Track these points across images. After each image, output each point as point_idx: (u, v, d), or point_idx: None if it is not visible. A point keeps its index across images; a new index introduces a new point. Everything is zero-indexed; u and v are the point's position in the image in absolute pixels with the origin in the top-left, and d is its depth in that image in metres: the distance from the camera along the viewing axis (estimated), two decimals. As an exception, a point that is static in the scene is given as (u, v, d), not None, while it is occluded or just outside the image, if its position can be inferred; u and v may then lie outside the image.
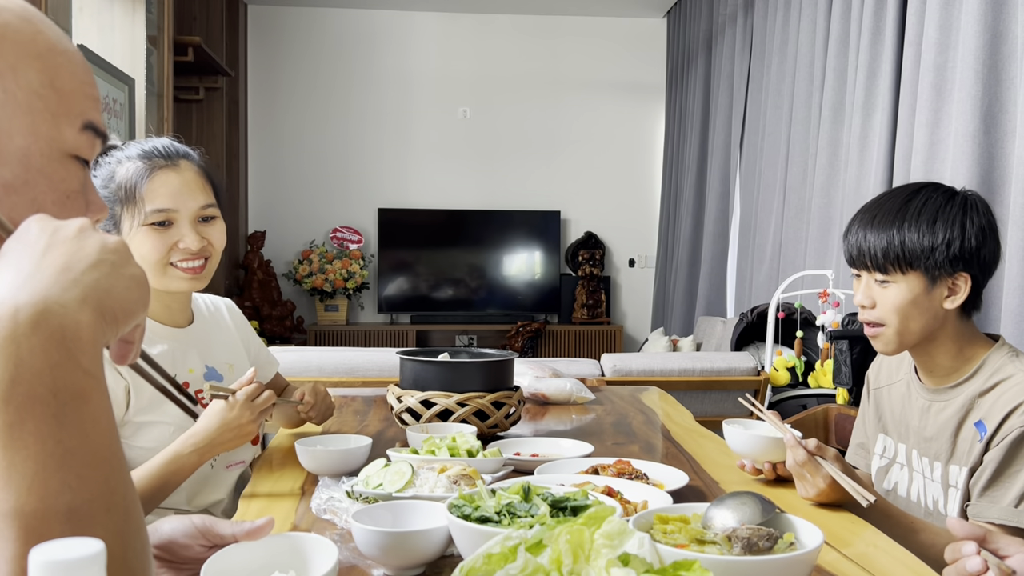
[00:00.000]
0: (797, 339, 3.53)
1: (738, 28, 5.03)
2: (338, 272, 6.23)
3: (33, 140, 0.66)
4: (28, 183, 0.66)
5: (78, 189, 0.70)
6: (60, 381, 0.55)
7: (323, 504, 1.21)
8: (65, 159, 0.69)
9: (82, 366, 0.57)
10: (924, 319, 1.37)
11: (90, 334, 0.58)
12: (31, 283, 0.56)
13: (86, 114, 0.70)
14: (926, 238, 1.34)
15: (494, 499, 0.99)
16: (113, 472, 0.58)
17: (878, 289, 1.40)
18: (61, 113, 0.68)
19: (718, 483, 1.42)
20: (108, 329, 0.60)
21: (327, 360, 3.19)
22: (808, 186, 3.91)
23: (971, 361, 1.38)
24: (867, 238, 1.39)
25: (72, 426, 0.56)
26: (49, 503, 0.54)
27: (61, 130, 0.68)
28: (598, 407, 2.20)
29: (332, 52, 6.53)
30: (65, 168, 0.69)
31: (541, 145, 6.69)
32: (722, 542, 0.92)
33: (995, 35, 2.44)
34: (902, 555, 1.07)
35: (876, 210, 1.41)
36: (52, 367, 0.55)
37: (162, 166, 1.44)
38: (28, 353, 0.54)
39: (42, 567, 0.47)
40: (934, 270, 1.35)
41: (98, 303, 0.59)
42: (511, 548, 0.73)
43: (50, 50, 0.68)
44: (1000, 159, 2.44)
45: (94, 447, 0.57)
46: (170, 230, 1.44)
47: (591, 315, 6.55)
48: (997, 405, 1.30)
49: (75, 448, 0.56)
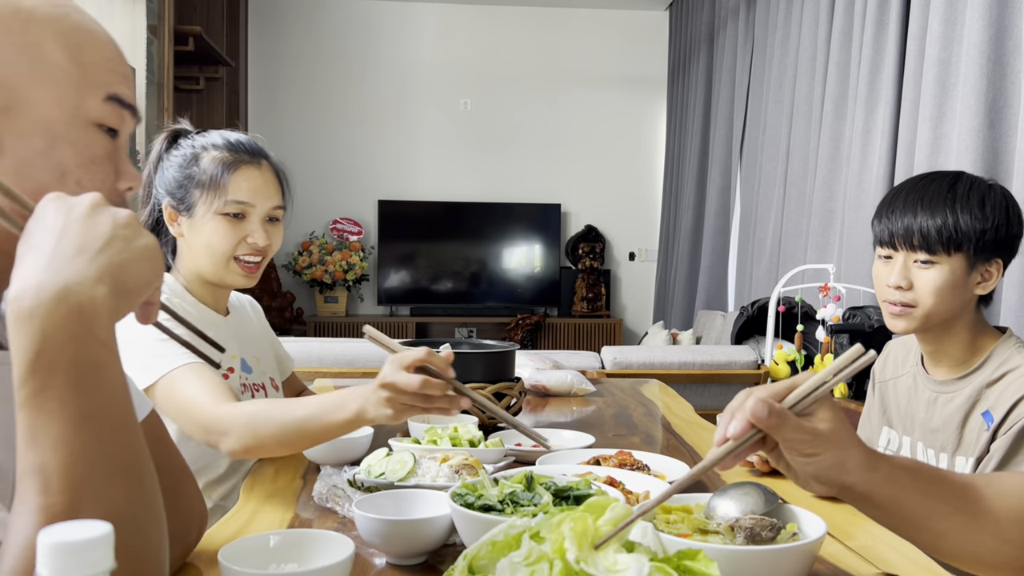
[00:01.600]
0: (797, 333, 3.53)
1: (740, 21, 5.02)
2: (338, 264, 6.23)
3: (57, 109, 0.72)
4: (53, 147, 0.72)
5: (103, 155, 0.75)
6: (79, 352, 0.61)
7: (325, 493, 1.21)
8: (89, 127, 0.74)
9: (99, 338, 0.63)
10: (955, 303, 1.38)
11: (106, 309, 0.63)
12: (52, 265, 0.62)
13: (110, 87, 0.75)
14: (978, 220, 1.34)
15: (497, 488, 0.99)
16: (128, 438, 0.64)
17: (916, 270, 1.39)
18: (84, 85, 0.73)
19: (719, 474, 1.42)
20: (122, 302, 0.66)
21: (327, 351, 3.19)
22: (809, 180, 3.90)
23: (979, 352, 1.39)
24: (917, 217, 1.37)
25: (90, 393, 0.62)
26: (70, 461, 0.60)
27: (84, 100, 0.73)
28: (599, 399, 2.20)
29: (333, 43, 6.51)
30: (89, 135, 0.74)
31: (542, 138, 6.68)
32: (725, 532, 0.92)
33: (999, 30, 2.44)
34: (904, 547, 1.07)
35: (922, 191, 1.40)
36: (72, 340, 0.61)
37: (247, 161, 1.50)
38: (51, 328, 0.61)
39: (50, 548, 0.47)
40: (979, 254, 1.35)
41: (112, 279, 0.64)
42: (515, 536, 0.73)
43: (75, 29, 0.74)
44: (1004, 154, 2.43)
45: (111, 413, 0.63)
46: (242, 223, 1.48)
47: (591, 308, 6.55)
48: (1005, 395, 1.31)
49: (93, 413, 0.62)
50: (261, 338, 1.70)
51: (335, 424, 1.20)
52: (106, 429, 0.62)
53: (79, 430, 0.60)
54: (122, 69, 0.78)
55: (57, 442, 0.60)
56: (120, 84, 0.76)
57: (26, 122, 0.71)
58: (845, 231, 3.49)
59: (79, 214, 0.65)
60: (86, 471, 0.60)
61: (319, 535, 0.89)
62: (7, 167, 0.71)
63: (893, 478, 0.82)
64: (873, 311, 2.91)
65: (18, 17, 0.71)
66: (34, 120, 0.71)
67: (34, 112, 0.71)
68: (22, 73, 0.71)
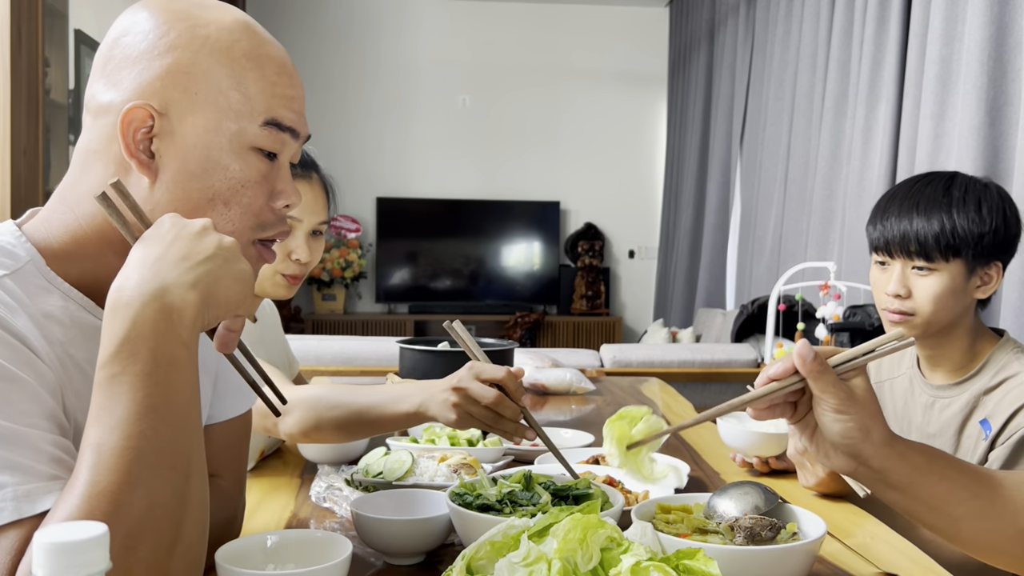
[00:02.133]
0: (798, 331, 3.52)
1: (740, 18, 5.01)
2: (336, 261, 6.22)
3: (215, 135, 0.78)
4: (208, 171, 0.78)
5: (255, 179, 0.80)
6: (160, 347, 0.67)
7: (323, 492, 1.20)
8: (245, 152, 0.79)
9: (181, 338, 0.68)
10: (955, 309, 1.35)
11: (193, 313, 0.69)
12: (156, 266, 0.69)
13: (271, 111, 0.80)
14: (975, 224, 1.30)
15: (495, 487, 0.99)
16: (185, 436, 0.69)
17: (914, 277, 1.35)
18: (244, 112, 0.78)
19: (719, 474, 1.42)
20: (209, 312, 0.71)
21: (325, 349, 3.19)
22: (810, 178, 3.89)
23: (977, 357, 1.37)
24: (913, 224, 1.33)
25: (161, 386, 0.67)
26: (125, 445, 0.64)
27: (243, 126, 0.79)
28: (598, 398, 2.19)
29: (331, 38, 6.50)
30: (244, 160, 0.79)
31: (541, 135, 6.67)
32: (725, 531, 0.91)
33: (1000, 27, 2.43)
34: (904, 546, 1.06)
35: (917, 195, 1.35)
36: (156, 334, 0.67)
37: (299, 175, 1.45)
38: (141, 319, 0.67)
39: (45, 549, 0.46)
40: (977, 258, 1.32)
41: (205, 289, 0.70)
42: (514, 536, 0.72)
43: (244, 56, 0.79)
44: (1004, 152, 2.43)
45: (174, 409, 0.68)
46: (287, 239, 1.45)
47: (590, 306, 6.55)
48: (1003, 403, 1.29)
49: (158, 405, 0.66)
50: (278, 340, 1.71)
51: (397, 415, 1.21)
52: (166, 423, 0.67)
53: (141, 418, 0.65)
54: (286, 91, 0.82)
55: (118, 424, 0.65)
56: (281, 108, 0.81)
57: (185, 146, 0.77)
58: (846, 229, 3.48)
59: (189, 232, 0.72)
60: (136, 457, 0.64)
61: (317, 535, 0.89)
62: (165, 184, 0.77)
63: (908, 457, 0.84)
64: (873, 310, 2.90)
65: (192, 45, 0.77)
66: (193, 144, 0.77)
67: (193, 137, 0.77)
68: (188, 100, 0.76)
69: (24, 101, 2.85)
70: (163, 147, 0.77)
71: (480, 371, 1.14)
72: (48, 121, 3.07)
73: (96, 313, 0.79)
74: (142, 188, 0.77)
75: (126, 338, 0.66)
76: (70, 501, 0.63)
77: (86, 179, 0.79)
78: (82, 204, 0.79)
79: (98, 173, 0.78)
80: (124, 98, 0.76)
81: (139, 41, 0.77)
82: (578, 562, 0.68)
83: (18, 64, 2.83)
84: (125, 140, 0.76)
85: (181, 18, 0.77)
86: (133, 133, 0.76)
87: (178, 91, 0.76)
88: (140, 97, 0.76)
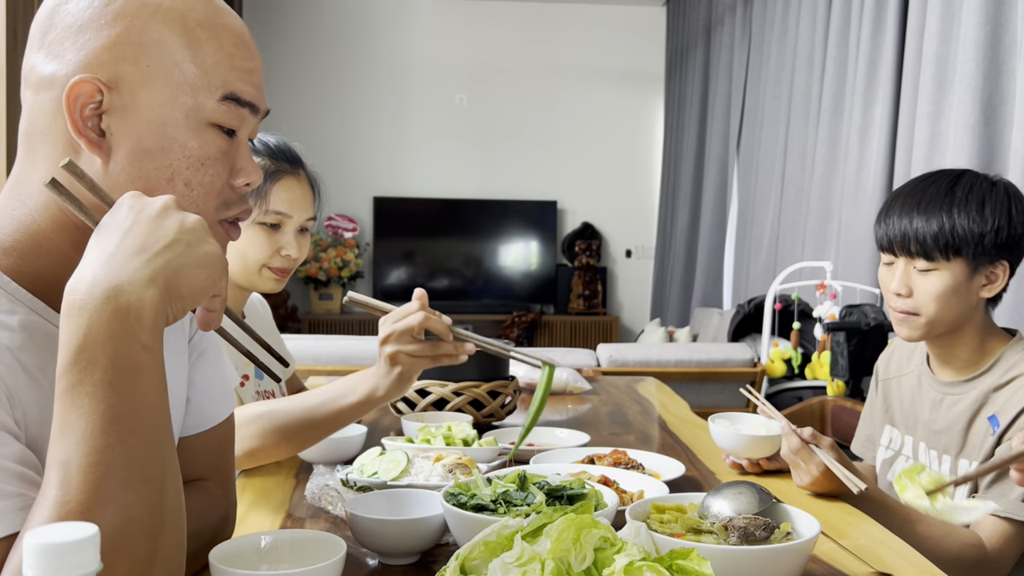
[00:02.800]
0: (794, 331, 3.53)
1: (738, 17, 5.01)
2: (333, 260, 6.22)
3: (171, 110, 0.72)
4: (164, 149, 0.72)
5: (216, 155, 0.75)
6: (119, 352, 0.62)
7: (317, 492, 1.20)
8: (203, 128, 0.74)
9: (140, 340, 0.63)
10: (960, 309, 1.34)
11: (152, 312, 0.64)
12: (110, 263, 0.64)
13: (229, 85, 0.75)
14: (976, 224, 1.29)
15: (490, 487, 0.99)
16: (155, 444, 0.64)
17: (917, 277, 1.35)
18: (201, 86, 0.73)
19: (714, 473, 1.42)
20: (174, 306, 0.66)
21: (322, 349, 3.18)
22: (807, 177, 3.90)
23: (988, 355, 1.36)
24: (913, 223, 1.33)
25: (123, 395, 0.62)
26: (92, 461, 0.60)
27: (199, 101, 0.73)
28: (594, 397, 2.19)
29: (328, 37, 6.49)
30: (201, 136, 0.74)
31: (538, 134, 6.67)
32: (719, 531, 0.91)
33: (996, 27, 2.44)
34: (899, 546, 1.06)
35: (920, 194, 1.35)
36: (113, 338, 0.62)
37: (288, 171, 1.49)
38: (96, 324, 0.62)
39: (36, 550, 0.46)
40: (980, 257, 1.31)
41: (165, 282, 0.65)
42: (507, 536, 0.72)
43: (199, 25, 0.73)
44: (1000, 151, 2.44)
45: (140, 417, 0.63)
46: (276, 234, 1.48)
47: (587, 306, 6.55)
48: (1012, 400, 1.29)
49: (123, 415, 0.62)
50: (272, 338, 1.70)
51: (350, 406, 1.21)
52: (133, 432, 0.63)
53: (106, 431, 0.61)
54: (245, 64, 0.76)
55: (83, 439, 0.61)
56: (240, 81, 0.76)
57: (140, 122, 0.71)
58: (842, 228, 3.48)
59: (148, 214, 0.66)
60: (106, 472, 0.61)
61: (311, 535, 0.89)
62: (119, 165, 0.72)
63: None
64: (869, 309, 2.91)
65: (142, 13, 0.71)
66: (148, 120, 0.72)
67: (148, 112, 0.71)
68: (139, 72, 0.71)
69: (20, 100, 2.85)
70: (114, 124, 0.71)
71: (393, 316, 1.16)
72: (44, 120, 3.06)
73: (47, 316, 0.73)
74: (95, 169, 0.72)
75: (82, 345, 0.62)
76: (39, 521, 0.60)
77: (35, 165, 0.73)
78: (33, 195, 0.73)
79: (47, 155, 0.72)
80: (68, 71, 0.70)
81: (83, 8, 0.71)
82: (571, 562, 0.68)
83: (15, 63, 2.82)
84: (72, 116, 0.70)
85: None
86: (80, 109, 0.70)
87: (128, 63, 0.70)
88: (87, 70, 0.70)
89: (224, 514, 0.95)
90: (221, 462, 0.96)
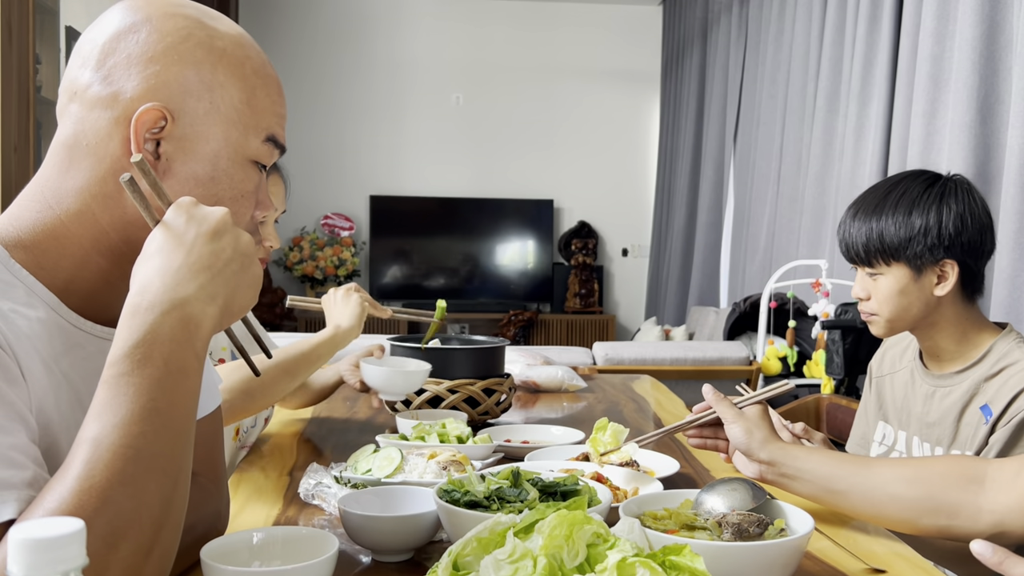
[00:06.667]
0: (789, 329, 3.53)
1: (734, 16, 5.02)
2: (329, 259, 6.21)
3: (224, 145, 0.80)
4: (214, 179, 0.80)
5: (251, 190, 0.84)
6: (174, 354, 0.69)
7: (311, 489, 1.20)
8: (246, 164, 0.83)
9: (195, 348, 0.71)
10: (917, 307, 1.38)
11: (211, 326, 0.72)
12: (178, 275, 0.71)
13: (271, 128, 0.84)
14: (902, 229, 1.34)
15: (484, 484, 0.98)
16: (181, 442, 0.70)
17: (870, 281, 1.41)
18: (251, 126, 0.82)
19: (708, 471, 1.41)
20: (224, 320, 0.75)
21: (318, 347, 3.17)
22: (802, 176, 3.90)
23: (977, 347, 1.38)
24: (850, 232, 1.41)
25: (168, 392, 0.68)
26: (125, 443, 0.65)
27: (248, 140, 0.82)
28: (589, 395, 2.19)
29: (324, 36, 6.48)
30: (244, 171, 0.83)
31: (535, 133, 6.67)
32: (712, 528, 0.91)
33: (992, 25, 2.44)
34: (891, 541, 1.06)
35: (860, 204, 1.42)
36: (173, 342, 0.69)
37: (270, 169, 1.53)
38: (160, 324, 0.69)
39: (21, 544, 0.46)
40: (916, 259, 1.34)
41: (224, 300, 0.74)
42: (500, 533, 0.72)
43: (254, 73, 0.82)
44: (995, 149, 2.44)
45: (177, 415, 0.69)
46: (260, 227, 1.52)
47: (584, 304, 6.55)
48: (1004, 389, 1.30)
49: (162, 410, 0.67)
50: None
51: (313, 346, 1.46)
52: (167, 428, 0.68)
53: (143, 419, 0.66)
54: (282, 111, 0.87)
55: (121, 422, 0.65)
56: (278, 126, 0.85)
57: (196, 151, 0.79)
58: (837, 227, 3.49)
59: (207, 230, 0.73)
60: (133, 457, 0.65)
61: (303, 532, 0.88)
62: (170, 187, 0.78)
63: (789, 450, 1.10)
64: (864, 307, 2.91)
65: (209, 58, 0.79)
66: (204, 152, 0.79)
67: (205, 145, 0.79)
68: (203, 108, 0.79)
69: (15, 98, 2.84)
70: (171, 150, 0.78)
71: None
72: (39, 118, 3.06)
73: (61, 312, 0.77)
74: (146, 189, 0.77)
75: (141, 341, 0.68)
76: (59, 492, 0.62)
77: (71, 175, 0.77)
78: (66, 201, 0.78)
79: (90, 167, 0.77)
80: (134, 95, 0.76)
81: (155, 42, 0.77)
82: (564, 558, 0.68)
83: (8, 61, 2.81)
84: (137, 138, 0.76)
85: (198, 27, 0.79)
86: (143, 132, 0.76)
87: (193, 98, 0.78)
88: (154, 98, 0.76)
89: (216, 509, 0.95)
90: (211, 456, 0.96)
